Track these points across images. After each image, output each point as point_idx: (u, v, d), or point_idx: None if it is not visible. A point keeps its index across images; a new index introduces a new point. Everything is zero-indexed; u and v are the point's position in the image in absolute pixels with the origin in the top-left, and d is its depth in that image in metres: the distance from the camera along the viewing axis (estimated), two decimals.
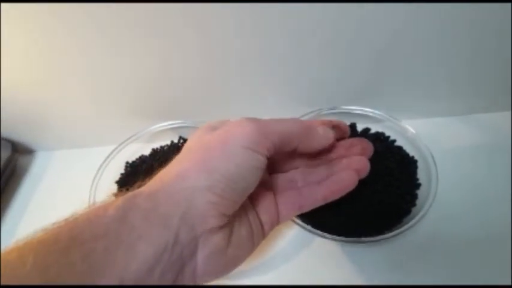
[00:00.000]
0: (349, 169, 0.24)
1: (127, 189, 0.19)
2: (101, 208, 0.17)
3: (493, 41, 0.31)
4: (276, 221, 0.24)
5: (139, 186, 0.20)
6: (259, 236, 0.22)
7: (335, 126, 0.27)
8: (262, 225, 0.23)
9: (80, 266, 0.15)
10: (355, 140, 0.27)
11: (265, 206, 0.23)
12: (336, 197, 0.24)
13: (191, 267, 0.18)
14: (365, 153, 0.26)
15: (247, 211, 0.22)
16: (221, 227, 0.19)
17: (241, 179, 0.19)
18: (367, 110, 0.37)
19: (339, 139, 0.27)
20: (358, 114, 0.37)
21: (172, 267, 0.17)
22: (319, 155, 0.26)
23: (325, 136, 0.24)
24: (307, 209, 0.24)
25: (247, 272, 0.31)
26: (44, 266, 0.14)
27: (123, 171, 0.40)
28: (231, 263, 0.20)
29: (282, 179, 0.25)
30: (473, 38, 0.31)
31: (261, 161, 0.19)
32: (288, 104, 0.39)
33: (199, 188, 0.18)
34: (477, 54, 0.33)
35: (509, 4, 0.28)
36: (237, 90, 0.38)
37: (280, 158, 0.25)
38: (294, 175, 0.26)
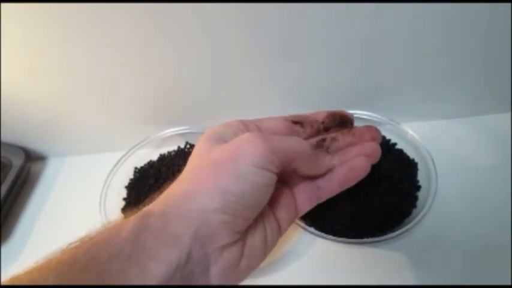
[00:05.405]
0: (360, 155, 0.24)
1: (138, 208, 0.19)
2: (115, 228, 0.18)
3: (493, 43, 0.32)
4: (295, 216, 0.24)
5: (150, 202, 0.20)
6: (275, 236, 0.22)
7: (340, 116, 0.26)
8: (279, 224, 0.23)
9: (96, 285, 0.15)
10: (363, 128, 0.26)
11: (283, 203, 0.23)
12: (351, 183, 0.24)
13: (204, 283, 0.18)
14: (375, 140, 0.25)
15: (263, 214, 0.22)
16: (234, 242, 0.19)
17: (253, 198, 0.19)
18: (368, 114, 0.38)
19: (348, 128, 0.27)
20: (359, 117, 0.38)
21: (185, 283, 0.17)
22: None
23: (328, 165, 0.24)
24: (325, 198, 0.24)
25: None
26: (64, 283, 0.15)
27: (132, 176, 0.41)
28: (244, 273, 0.20)
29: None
30: (472, 40, 0.32)
31: (272, 178, 0.19)
32: (290, 109, 0.39)
33: (211, 209, 0.18)
34: (477, 56, 0.34)
35: (509, 5, 0.28)
36: (243, 96, 0.39)
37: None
38: None
